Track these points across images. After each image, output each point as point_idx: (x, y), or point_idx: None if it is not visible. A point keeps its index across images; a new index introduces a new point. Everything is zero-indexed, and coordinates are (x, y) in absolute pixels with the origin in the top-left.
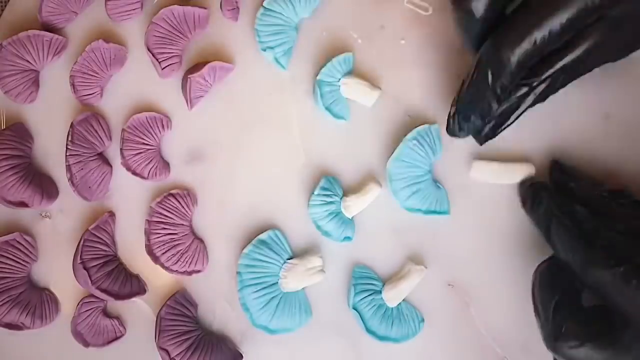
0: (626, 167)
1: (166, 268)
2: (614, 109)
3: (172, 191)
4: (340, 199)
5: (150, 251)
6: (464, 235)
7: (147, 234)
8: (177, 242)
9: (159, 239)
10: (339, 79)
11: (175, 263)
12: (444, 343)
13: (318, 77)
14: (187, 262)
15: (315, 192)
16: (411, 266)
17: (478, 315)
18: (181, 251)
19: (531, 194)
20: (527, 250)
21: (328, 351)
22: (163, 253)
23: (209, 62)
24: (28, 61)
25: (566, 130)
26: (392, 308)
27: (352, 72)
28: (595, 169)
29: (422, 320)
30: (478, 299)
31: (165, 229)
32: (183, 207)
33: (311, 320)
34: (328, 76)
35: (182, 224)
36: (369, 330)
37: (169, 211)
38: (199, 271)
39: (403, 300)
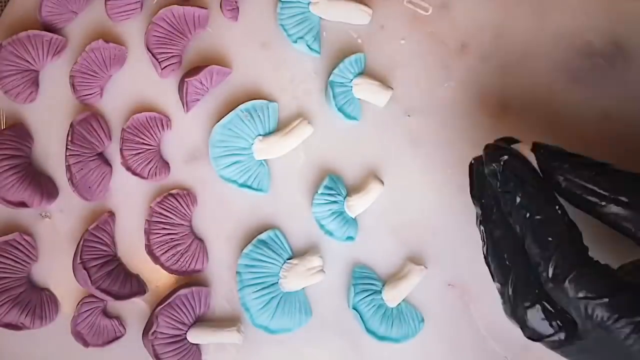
0: (626, 167)
1: (166, 268)
2: (614, 109)
3: (172, 191)
4: (344, 198)
5: (150, 251)
6: (464, 235)
7: (147, 234)
8: (177, 242)
9: (159, 239)
10: (351, 80)
11: (175, 263)
12: (444, 343)
13: (330, 78)
14: (187, 262)
15: (319, 191)
16: (411, 266)
17: (478, 315)
18: (181, 251)
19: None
20: None
21: (328, 351)
22: (163, 253)
23: (207, 64)
24: (28, 61)
25: (566, 130)
26: (392, 308)
27: (363, 73)
28: None
29: (422, 320)
30: (478, 299)
31: (165, 229)
32: (183, 207)
33: (311, 320)
34: (340, 77)
35: (182, 224)
36: (369, 330)
37: (169, 211)
38: (198, 271)
39: (403, 300)
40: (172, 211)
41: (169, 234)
